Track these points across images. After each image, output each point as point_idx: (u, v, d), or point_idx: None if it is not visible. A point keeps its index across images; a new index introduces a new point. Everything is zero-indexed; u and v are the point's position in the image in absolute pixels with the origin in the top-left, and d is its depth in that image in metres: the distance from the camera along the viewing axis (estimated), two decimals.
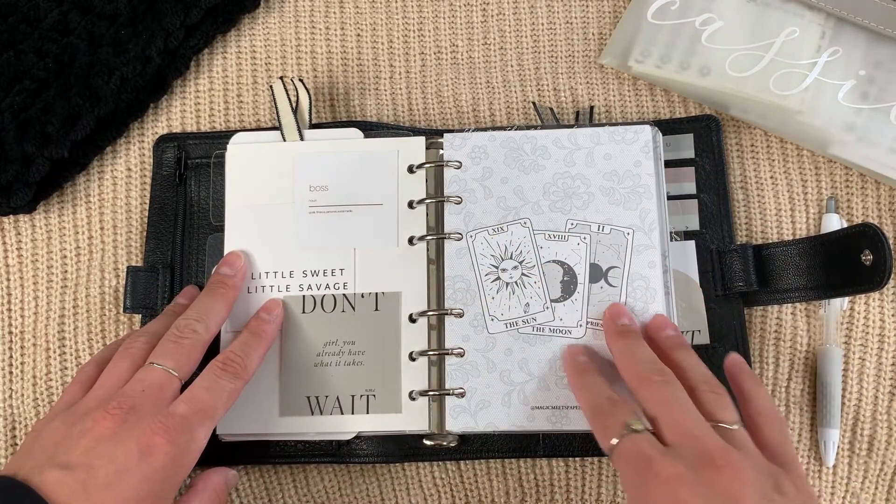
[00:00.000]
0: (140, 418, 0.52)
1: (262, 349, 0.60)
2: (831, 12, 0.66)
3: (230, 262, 0.62)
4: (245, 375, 0.57)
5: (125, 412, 0.52)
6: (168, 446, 0.51)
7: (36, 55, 0.67)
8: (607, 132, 0.63)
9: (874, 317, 0.64)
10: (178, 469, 0.52)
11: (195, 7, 0.68)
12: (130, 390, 0.54)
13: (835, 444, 0.62)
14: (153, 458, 0.51)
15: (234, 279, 0.61)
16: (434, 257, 0.63)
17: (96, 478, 0.49)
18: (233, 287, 0.61)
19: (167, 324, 0.59)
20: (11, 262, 0.69)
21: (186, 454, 0.52)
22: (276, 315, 0.61)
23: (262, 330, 0.60)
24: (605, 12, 0.72)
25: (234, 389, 0.56)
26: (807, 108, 0.65)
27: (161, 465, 0.51)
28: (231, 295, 0.61)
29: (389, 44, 0.72)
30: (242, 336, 0.60)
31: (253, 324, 0.61)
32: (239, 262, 0.62)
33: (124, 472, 0.50)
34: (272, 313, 0.61)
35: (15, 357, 0.67)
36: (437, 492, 0.64)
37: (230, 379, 0.56)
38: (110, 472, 0.50)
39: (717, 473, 0.46)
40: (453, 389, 0.60)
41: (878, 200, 0.67)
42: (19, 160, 0.65)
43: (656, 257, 0.61)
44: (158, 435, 0.51)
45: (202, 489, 0.56)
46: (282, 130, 0.66)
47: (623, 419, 0.50)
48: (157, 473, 0.50)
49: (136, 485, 0.50)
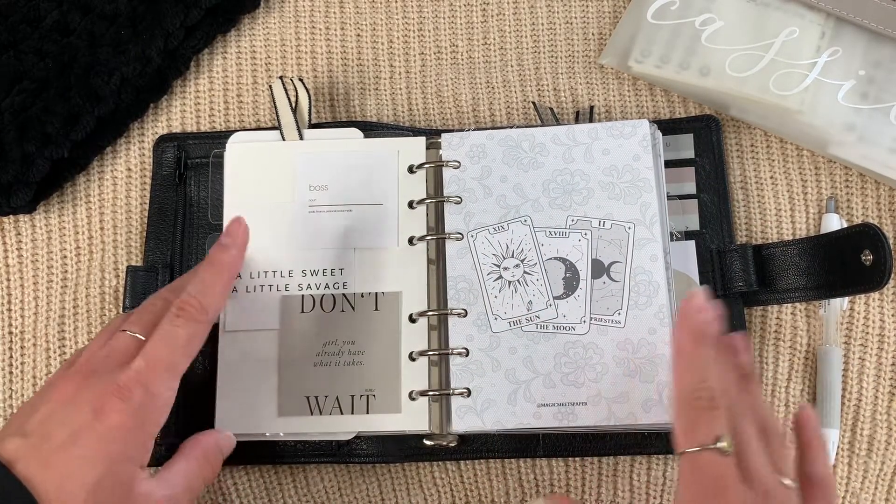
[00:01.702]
0: (97, 381, 0.51)
1: (223, 282, 0.56)
2: (831, 12, 0.66)
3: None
4: (203, 317, 0.54)
5: (84, 376, 0.51)
6: (121, 404, 0.50)
7: (36, 55, 0.67)
8: (605, 127, 0.63)
9: (874, 317, 0.65)
10: (141, 427, 0.51)
11: (195, 7, 0.68)
12: (94, 356, 0.53)
13: (834, 444, 0.62)
14: (106, 417, 0.49)
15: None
16: (434, 257, 0.63)
17: (50, 441, 0.49)
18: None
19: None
20: (11, 262, 0.69)
21: (146, 411, 0.51)
22: (237, 238, 0.58)
23: (219, 259, 0.57)
24: (605, 12, 0.72)
25: (191, 335, 0.53)
26: (807, 108, 0.65)
27: (116, 424, 0.50)
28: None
29: (389, 44, 0.73)
30: (199, 272, 0.56)
31: (211, 252, 0.57)
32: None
33: (79, 435, 0.49)
34: (233, 235, 0.58)
35: (15, 357, 0.67)
36: (437, 492, 0.64)
37: (184, 324, 0.53)
38: (65, 436, 0.49)
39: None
40: (455, 389, 0.60)
41: (878, 200, 0.67)
42: (19, 160, 0.64)
43: (658, 251, 0.61)
44: (110, 394, 0.50)
45: (188, 452, 0.55)
46: (281, 130, 0.66)
47: (717, 431, 0.45)
48: (113, 433, 0.49)
49: (93, 446, 0.49)
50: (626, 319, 0.60)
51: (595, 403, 0.59)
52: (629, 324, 0.60)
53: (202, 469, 0.55)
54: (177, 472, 0.54)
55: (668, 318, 0.60)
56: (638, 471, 0.63)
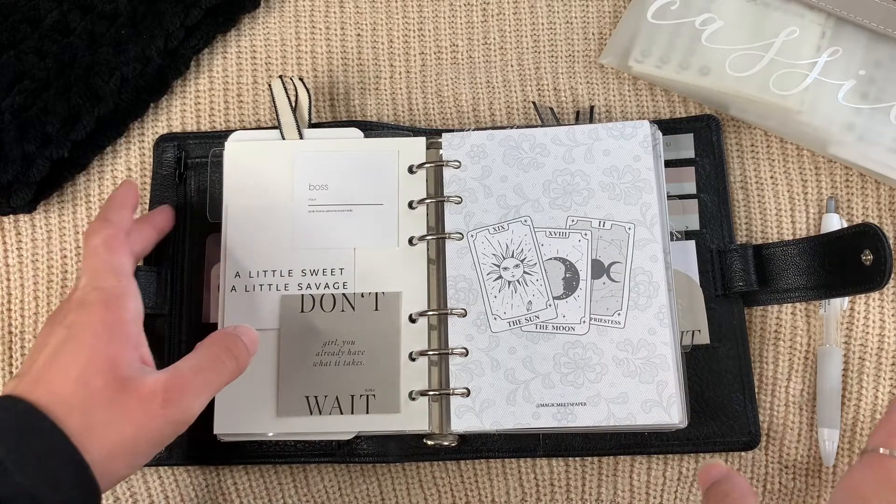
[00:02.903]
0: (58, 312, 0.55)
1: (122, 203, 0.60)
2: (831, 12, 0.66)
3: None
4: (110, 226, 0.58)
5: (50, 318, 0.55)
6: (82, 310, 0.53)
7: (36, 55, 0.67)
8: (605, 128, 0.63)
9: (874, 317, 0.65)
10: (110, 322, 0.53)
11: (195, 7, 0.68)
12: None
13: (835, 444, 0.62)
14: (76, 326, 0.52)
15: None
16: (434, 257, 0.63)
17: (37, 363, 0.51)
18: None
19: None
20: (11, 262, 0.69)
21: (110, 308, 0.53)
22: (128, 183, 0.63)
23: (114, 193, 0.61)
24: (605, 12, 0.72)
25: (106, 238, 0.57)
26: (807, 108, 0.65)
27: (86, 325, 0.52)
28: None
29: (389, 44, 0.73)
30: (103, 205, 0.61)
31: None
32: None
33: (58, 348, 0.51)
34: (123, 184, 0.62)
35: (15, 357, 0.67)
36: (437, 492, 0.64)
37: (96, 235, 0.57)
38: (47, 354, 0.51)
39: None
40: (455, 389, 0.60)
41: (878, 200, 0.67)
42: (19, 160, 0.64)
43: (658, 251, 0.61)
44: (72, 311, 0.53)
45: (200, 344, 0.56)
46: (281, 129, 0.66)
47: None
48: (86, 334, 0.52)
49: (73, 348, 0.51)
50: (626, 320, 0.60)
51: (594, 404, 0.59)
52: (629, 324, 0.60)
53: (216, 354, 0.55)
54: (184, 361, 0.54)
55: (668, 318, 0.60)
56: (638, 471, 0.63)
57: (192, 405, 0.52)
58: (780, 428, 0.63)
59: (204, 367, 0.54)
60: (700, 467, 0.58)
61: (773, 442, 0.63)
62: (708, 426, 0.62)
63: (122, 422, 0.50)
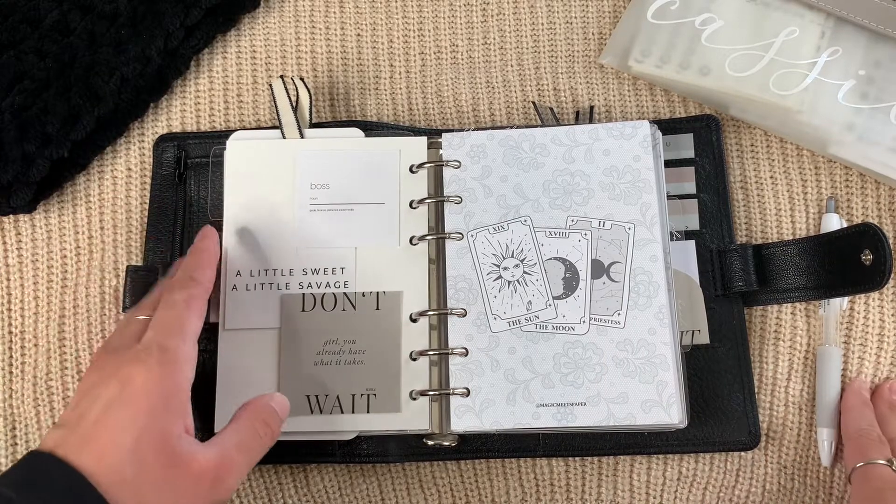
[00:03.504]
0: (117, 358, 0.53)
1: (206, 260, 0.61)
2: (831, 12, 0.66)
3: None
4: (193, 283, 0.58)
5: (104, 360, 0.53)
6: (140, 366, 0.51)
7: (36, 55, 0.67)
8: (605, 128, 0.63)
9: (874, 317, 0.65)
10: (167, 382, 0.52)
11: (195, 7, 0.69)
12: (109, 344, 0.55)
13: (832, 443, 0.62)
14: (133, 384, 0.51)
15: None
16: (435, 257, 0.63)
17: (85, 421, 0.50)
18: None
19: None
20: (11, 262, 0.69)
21: (168, 367, 0.52)
22: (212, 233, 0.62)
23: (196, 247, 0.61)
24: (605, 12, 0.72)
25: (189, 297, 0.57)
26: (807, 107, 0.65)
27: (141, 384, 0.51)
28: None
29: (389, 44, 0.73)
30: (186, 258, 0.61)
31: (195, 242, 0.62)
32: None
33: (110, 406, 0.50)
34: (208, 235, 0.62)
35: (15, 357, 0.67)
36: (437, 492, 0.64)
37: (180, 289, 0.57)
38: (98, 412, 0.50)
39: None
40: (454, 389, 0.60)
41: (878, 200, 0.67)
42: (19, 160, 0.64)
43: (658, 251, 0.61)
44: (130, 363, 0.52)
45: (239, 414, 0.56)
46: (282, 129, 0.66)
47: (888, 455, 0.58)
48: (140, 394, 0.51)
49: (125, 412, 0.50)
50: (626, 320, 0.60)
51: (594, 404, 0.59)
52: (629, 324, 0.60)
53: (255, 429, 0.55)
54: (227, 432, 0.54)
55: (668, 318, 0.60)
56: (638, 471, 0.63)
57: (235, 484, 0.53)
58: (780, 428, 0.63)
59: (246, 444, 0.54)
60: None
61: (773, 442, 0.63)
62: (708, 426, 0.62)
63: (178, 498, 0.50)
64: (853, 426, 0.61)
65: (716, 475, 0.63)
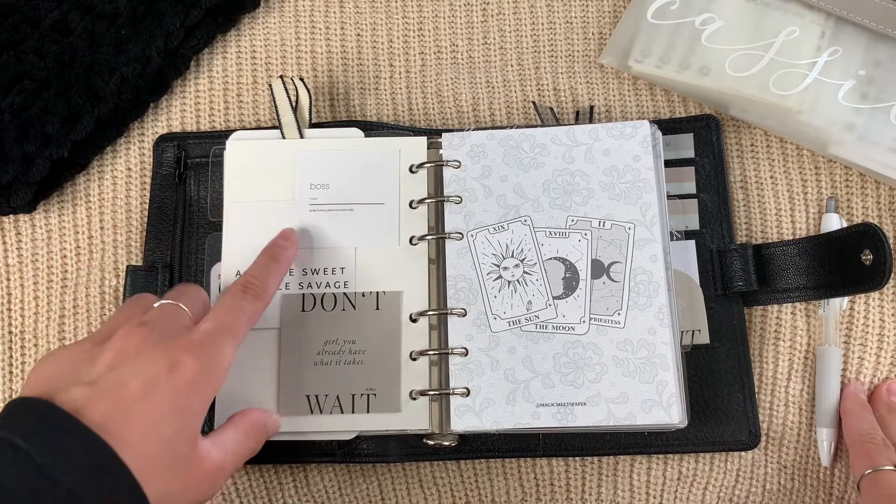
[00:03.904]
0: (163, 337, 0.51)
1: (280, 273, 0.60)
2: (831, 12, 0.66)
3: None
4: (265, 297, 0.57)
5: (149, 332, 0.51)
6: (194, 360, 0.50)
7: (36, 55, 0.67)
8: (605, 128, 0.63)
9: (874, 317, 0.65)
10: (207, 384, 0.51)
11: (195, 7, 0.68)
12: (147, 316, 0.53)
13: (831, 443, 0.62)
14: (181, 371, 0.50)
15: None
16: (435, 257, 0.63)
17: (126, 390, 0.48)
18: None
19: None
20: (11, 262, 0.69)
21: (214, 369, 0.52)
22: (292, 241, 0.62)
23: (278, 254, 0.61)
24: (605, 12, 0.72)
25: (254, 311, 0.56)
26: (807, 108, 0.65)
27: (190, 378, 0.50)
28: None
29: (389, 44, 0.73)
30: (260, 260, 0.60)
31: (270, 249, 0.61)
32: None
33: (155, 385, 0.49)
34: (289, 240, 0.62)
35: (15, 357, 0.67)
36: (437, 492, 0.64)
37: (251, 300, 0.56)
38: (140, 385, 0.48)
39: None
40: (454, 389, 0.60)
41: (878, 200, 0.67)
42: (19, 160, 0.64)
43: (658, 251, 0.61)
44: (185, 350, 0.50)
45: (237, 421, 0.56)
46: (281, 129, 0.66)
47: (894, 459, 0.58)
48: (187, 386, 0.50)
49: (168, 397, 0.49)
50: (626, 320, 0.60)
51: (594, 404, 0.59)
52: (629, 324, 0.60)
53: (248, 441, 0.56)
54: (227, 437, 0.54)
55: (668, 318, 0.60)
56: (638, 471, 0.63)
57: (221, 487, 0.54)
58: (780, 428, 0.63)
59: (240, 453, 0.55)
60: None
61: (773, 442, 0.63)
62: (708, 426, 0.62)
63: (189, 493, 0.50)
64: (855, 431, 0.61)
65: (716, 475, 0.63)
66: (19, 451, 0.43)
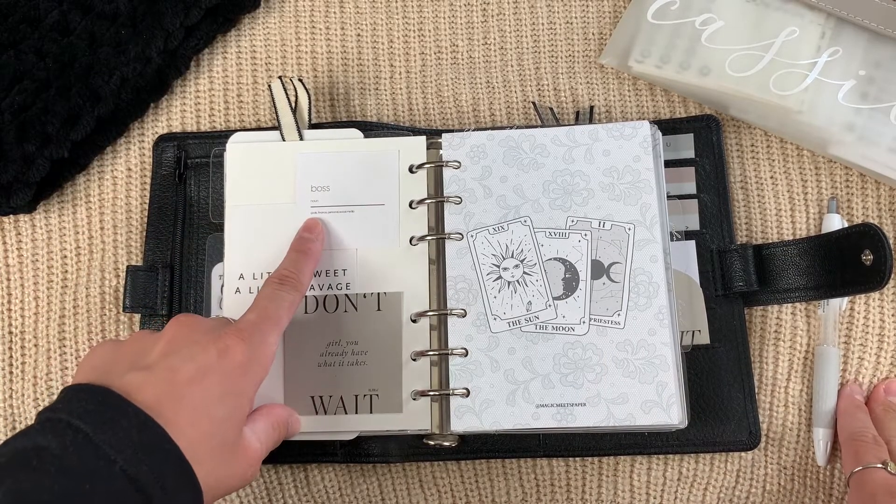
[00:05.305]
0: (211, 328, 0.53)
1: (311, 265, 0.61)
2: (831, 12, 0.66)
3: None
4: (301, 288, 0.59)
5: (196, 325, 0.53)
6: (243, 345, 0.52)
7: (36, 55, 0.67)
8: (605, 129, 0.63)
9: (874, 317, 0.65)
10: (255, 369, 0.53)
11: (195, 7, 0.68)
12: (195, 319, 0.55)
13: (828, 443, 0.62)
14: (231, 357, 0.51)
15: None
16: (435, 257, 0.63)
17: (178, 375, 0.49)
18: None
19: None
20: (11, 262, 0.69)
21: (261, 355, 0.53)
22: (318, 232, 0.63)
23: (307, 248, 0.61)
24: (605, 12, 0.72)
25: (292, 301, 0.58)
26: (807, 108, 0.65)
27: (239, 363, 0.51)
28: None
29: (389, 44, 0.73)
30: (290, 255, 0.61)
31: (297, 243, 0.62)
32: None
33: (206, 370, 0.50)
34: (314, 231, 0.63)
35: (15, 357, 0.67)
36: (437, 492, 0.64)
37: (289, 291, 0.58)
38: (192, 370, 0.50)
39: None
40: (454, 389, 0.60)
41: (878, 200, 0.67)
42: (19, 160, 0.65)
43: (658, 251, 0.61)
44: (233, 337, 0.52)
45: (267, 414, 0.56)
46: (281, 130, 0.66)
47: (883, 457, 0.59)
48: (236, 371, 0.51)
49: (219, 381, 0.50)
50: (626, 320, 0.60)
51: (594, 404, 0.59)
52: (629, 325, 0.60)
53: (275, 434, 0.56)
54: (261, 427, 0.55)
55: (668, 318, 0.60)
56: (638, 471, 0.63)
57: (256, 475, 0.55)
58: (780, 428, 0.63)
59: (269, 444, 0.56)
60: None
61: (773, 442, 0.63)
62: (708, 426, 0.62)
63: (233, 478, 0.51)
64: (847, 430, 0.61)
65: (716, 475, 0.63)
66: (79, 432, 0.45)
